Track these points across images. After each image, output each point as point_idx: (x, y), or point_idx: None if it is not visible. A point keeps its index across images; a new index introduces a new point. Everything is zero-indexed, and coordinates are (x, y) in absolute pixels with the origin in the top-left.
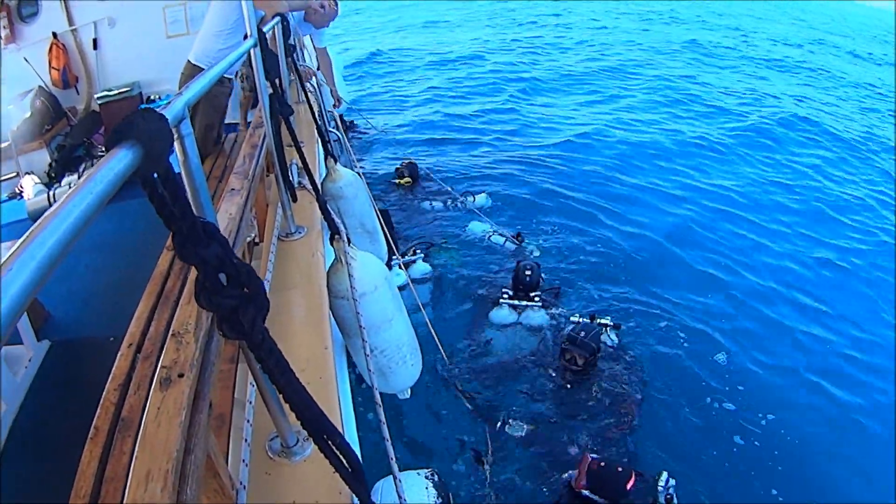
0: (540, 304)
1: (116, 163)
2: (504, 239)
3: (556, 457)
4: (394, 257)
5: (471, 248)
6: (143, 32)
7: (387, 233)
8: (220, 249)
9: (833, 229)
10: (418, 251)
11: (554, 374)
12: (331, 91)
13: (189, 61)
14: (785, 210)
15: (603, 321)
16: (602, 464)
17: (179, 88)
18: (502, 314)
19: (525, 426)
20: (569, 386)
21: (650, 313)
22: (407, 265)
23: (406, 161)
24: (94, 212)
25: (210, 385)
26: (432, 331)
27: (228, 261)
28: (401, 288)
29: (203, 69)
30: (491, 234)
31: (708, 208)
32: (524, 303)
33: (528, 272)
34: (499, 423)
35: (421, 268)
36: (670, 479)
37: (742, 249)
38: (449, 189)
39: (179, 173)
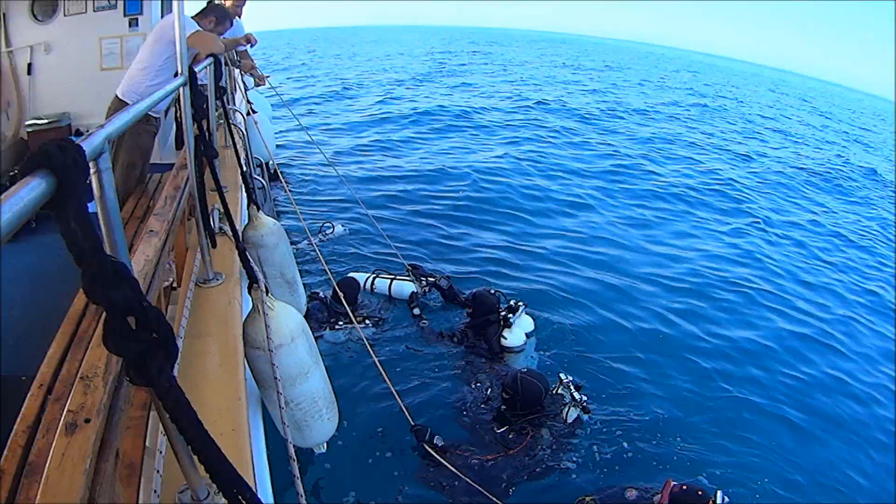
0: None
1: (28, 192)
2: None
3: None
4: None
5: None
6: (78, 62)
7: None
8: (129, 291)
9: None
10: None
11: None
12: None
13: (116, 96)
14: None
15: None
16: (684, 487)
17: None
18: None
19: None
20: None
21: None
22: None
23: None
24: (1, 240)
25: (118, 432)
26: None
27: (138, 304)
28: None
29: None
30: (372, 278)
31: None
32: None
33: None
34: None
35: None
36: (725, 497)
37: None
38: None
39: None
